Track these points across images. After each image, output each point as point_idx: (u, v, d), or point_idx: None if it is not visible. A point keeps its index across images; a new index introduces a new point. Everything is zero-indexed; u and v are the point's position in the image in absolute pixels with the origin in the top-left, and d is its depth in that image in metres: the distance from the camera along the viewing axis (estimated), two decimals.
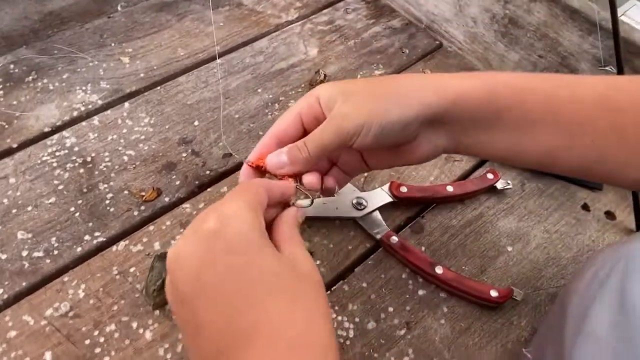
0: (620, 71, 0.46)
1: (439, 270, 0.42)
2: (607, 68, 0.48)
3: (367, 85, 0.34)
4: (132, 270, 0.43)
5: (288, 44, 0.64)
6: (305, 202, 0.34)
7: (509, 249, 0.47)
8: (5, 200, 0.46)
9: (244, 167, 0.35)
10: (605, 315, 0.27)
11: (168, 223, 0.46)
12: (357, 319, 0.42)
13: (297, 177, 0.34)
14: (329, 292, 0.43)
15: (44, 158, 0.50)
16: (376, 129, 0.31)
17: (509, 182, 0.51)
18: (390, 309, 0.42)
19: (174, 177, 0.50)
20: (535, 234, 0.48)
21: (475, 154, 0.37)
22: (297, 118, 0.35)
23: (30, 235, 0.44)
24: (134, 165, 0.50)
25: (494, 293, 0.41)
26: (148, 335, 0.40)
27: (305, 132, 0.35)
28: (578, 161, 0.32)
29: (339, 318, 0.42)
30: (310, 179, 0.34)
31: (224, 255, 0.25)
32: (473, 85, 0.32)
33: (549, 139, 0.32)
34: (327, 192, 0.37)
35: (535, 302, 0.44)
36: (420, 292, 0.43)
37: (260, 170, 0.35)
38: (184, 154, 0.52)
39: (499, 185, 0.50)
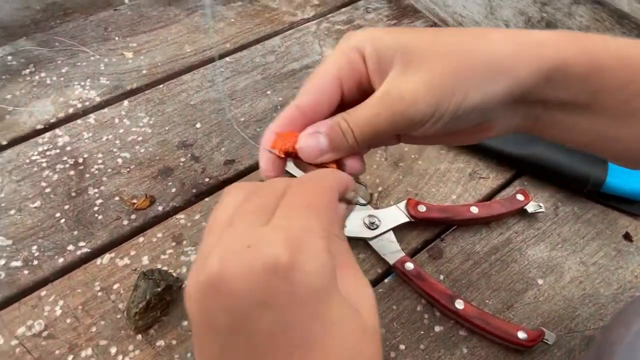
0: None
1: (459, 305, 0.37)
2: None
3: (438, 41, 0.25)
4: (115, 287, 0.39)
5: (302, 43, 0.60)
6: (362, 200, 0.28)
7: (540, 282, 0.41)
8: None
9: (265, 156, 0.26)
10: None
11: (159, 235, 0.42)
12: None
13: (336, 163, 0.26)
14: None
15: (34, 157, 0.46)
16: (449, 117, 0.24)
17: (540, 204, 0.45)
18: (402, 347, 0.37)
19: (170, 183, 0.45)
20: (570, 265, 0.42)
21: (553, 138, 0.28)
22: (334, 83, 0.25)
23: (10, 242, 0.41)
24: (127, 169, 0.46)
25: (522, 335, 0.36)
26: None
27: (343, 101, 0.26)
28: None
29: None
30: (354, 164, 0.26)
31: (289, 303, 0.18)
32: (574, 54, 0.24)
33: None
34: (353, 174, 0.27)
35: (569, 346, 0.38)
36: (437, 329, 0.38)
37: (287, 157, 0.26)
38: (183, 159, 0.47)
39: (530, 208, 0.44)
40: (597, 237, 0.45)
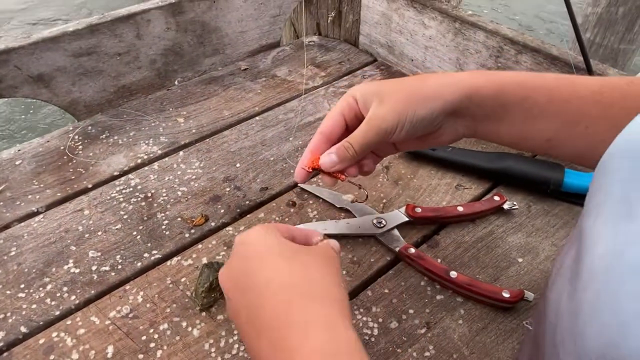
0: None
1: (453, 274, 0.47)
2: None
3: (397, 85, 0.40)
4: (183, 280, 0.50)
5: (315, 103, 0.76)
6: (348, 196, 0.43)
7: (520, 260, 0.51)
8: (80, 228, 0.55)
9: (299, 171, 0.43)
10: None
11: (214, 242, 0.53)
12: (380, 320, 0.46)
13: (344, 171, 0.41)
14: (354, 299, 0.48)
15: (113, 195, 0.60)
16: (408, 125, 0.38)
17: (515, 203, 0.56)
18: (411, 311, 0.46)
19: (219, 206, 0.58)
20: (544, 247, 0.52)
21: (488, 140, 0.42)
22: (340, 117, 0.41)
23: (99, 254, 0.53)
24: (186, 199, 0.59)
25: (506, 294, 0.45)
26: (195, 332, 0.45)
27: (347, 128, 0.42)
28: (572, 149, 0.38)
29: (364, 319, 0.46)
30: (350, 171, 0.42)
31: (247, 258, 0.35)
32: (485, 81, 0.38)
33: (549, 129, 0.37)
34: (365, 174, 0.44)
35: None
36: (438, 297, 0.48)
37: (314, 171, 0.42)
38: (228, 189, 0.60)
39: (506, 206, 0.55)
40: (564, 226, 0.55)
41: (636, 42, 2.06)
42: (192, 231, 0.55)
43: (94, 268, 0.51)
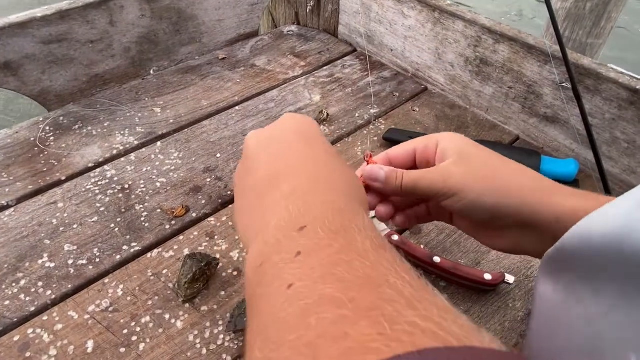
0: (574, 88, 0.55)
1: (436, 259, 0.48)
2: (563, 84, 0.57)
3: (485, 157, 0.34)
4: (164, 272, 0.48)
5: (295, 93, 0.75)
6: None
7: None
8: (54, 221, 0.53)
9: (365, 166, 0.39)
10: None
11: (195, 233, 0.52)
12: None
13: (381, 197, 0.38)
14: None
15: (88, 187, 0.58)
16: (466, 203, 0.33)
17: None
18: None
19: (200, 197, 0.57)
20: None
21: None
22: (411, 151, 0.37)
23: (75, 247, 0.51)
24: (165, 190, 0.58)
25: (487, 276, 0.46)
26: (179, 324, 0.44)
27: (413, 166, 0.38)
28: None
29: None
30: (382, 209, 0.37)
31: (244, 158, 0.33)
32: (591, 207, 0.26)
33: None
34: (396, 223, 0.39)
35: (527, 287, 0.48)
36: None
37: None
38: (208, 179, 0.59)
39: None
40: None
41: (603, 37, 2.13)
42: (173, 222, 0.54)
43: (70, 262, 0.49)
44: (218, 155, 0.63)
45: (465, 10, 0.68)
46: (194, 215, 0.55)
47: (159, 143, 0.64)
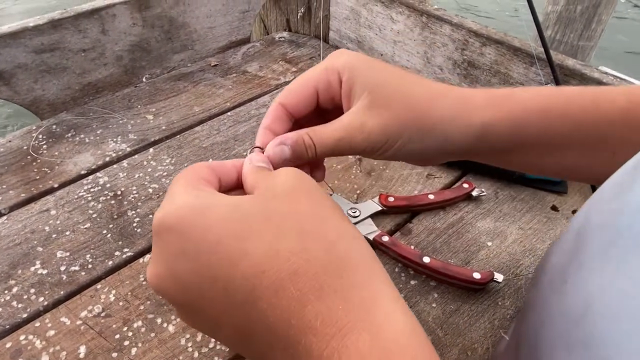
0: None
1: (426, 259, 0.48)
2: (548, 85, 0.58)
3: (397, 89, 0.31)
4: None
5: None
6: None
7: (489, 244, 0.53)
8: (46, 228, 0.54)
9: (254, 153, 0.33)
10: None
11: None
12: None
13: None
14: None
15: (81, 194, 0.58)
16: (393, 152, 0.31)
17: (483, 190, 0.58)
18: None
19: None
20: (512, 231, 0.54)
21: (489, 164, 0.36)
22: (312, 91, 0.31)
23: (67, 254, 0.51)
24: (157, 196, 0.58)
25: (476, 275, 0.47)
26: (171, 328, 0.44)
27: (316, 108, 0.32)
28: (597, 176, 0.31)
29: None
30: (318, 175, 0.35)
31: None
32: (503, 115, 0.31)
33: (572, 159, 0.32)
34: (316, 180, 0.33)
35: (517, 286, 0.49)
36: (412, 282, 0.49)
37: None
38: None
39: (475, 193, 0.57)
40: (530, 210, 0.57)
41: (594, 39, 2.15)
42: None
43: (62, 268, 0.50)
44: (210, 160, 0.63)
45: (452, 14, 0.70)
46: None
47: (151, 149, 0.65)
